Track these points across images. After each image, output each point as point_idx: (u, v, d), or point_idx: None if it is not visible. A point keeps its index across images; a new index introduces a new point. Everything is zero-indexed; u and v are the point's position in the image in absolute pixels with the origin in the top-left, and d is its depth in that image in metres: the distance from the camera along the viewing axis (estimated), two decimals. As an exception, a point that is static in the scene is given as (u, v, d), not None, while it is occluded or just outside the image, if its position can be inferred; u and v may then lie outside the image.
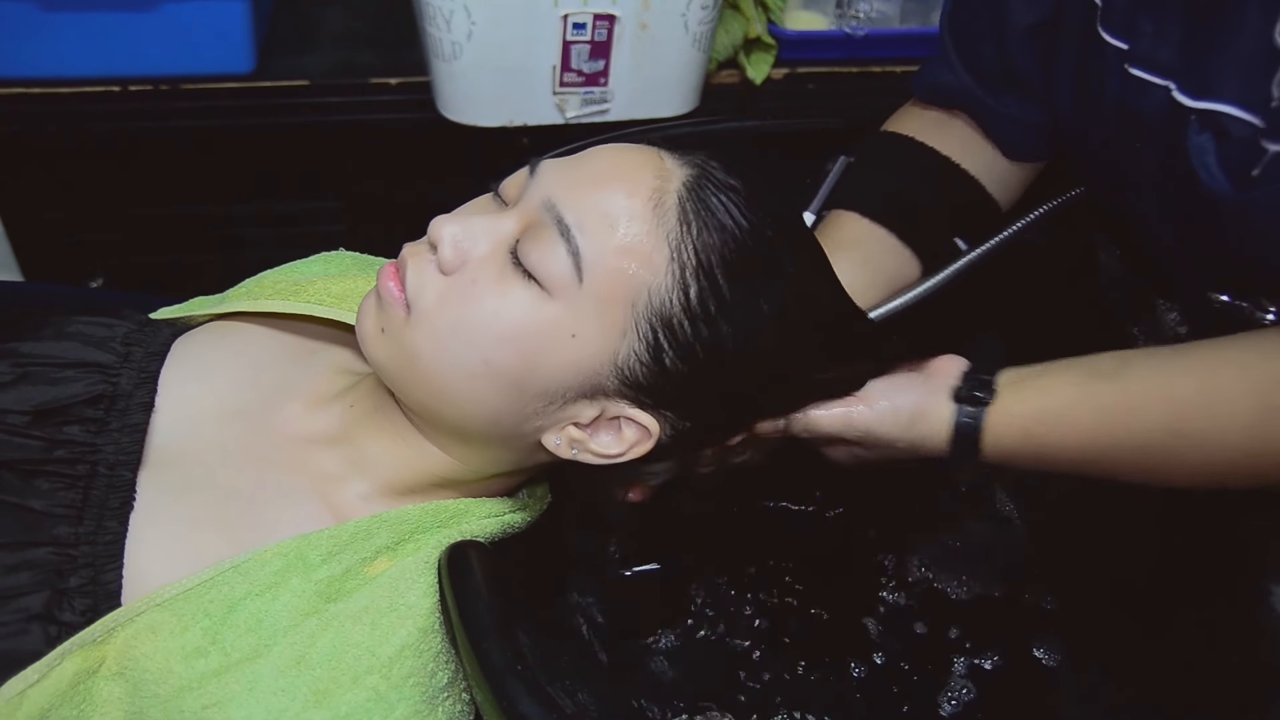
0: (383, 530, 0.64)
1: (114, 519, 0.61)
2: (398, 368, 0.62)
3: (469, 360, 0.59)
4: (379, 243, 0.92)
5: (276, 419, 0.68)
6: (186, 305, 0.80)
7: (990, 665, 0.80)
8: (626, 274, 0.58)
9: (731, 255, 0.59)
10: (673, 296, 0.59)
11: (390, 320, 0.61)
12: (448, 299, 0.59)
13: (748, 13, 1.29)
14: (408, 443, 0.67)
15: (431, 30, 1.12)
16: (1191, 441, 0.62)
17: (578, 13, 1.12)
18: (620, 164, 0.60)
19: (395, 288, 0.61)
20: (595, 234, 0.58)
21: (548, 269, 0.58)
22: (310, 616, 0.59)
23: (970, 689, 0.79)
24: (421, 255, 0.61)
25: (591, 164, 0.61)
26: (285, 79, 1.21)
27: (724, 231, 0.59)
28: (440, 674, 0.60)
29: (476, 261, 0.59)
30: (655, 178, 0.59)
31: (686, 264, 0.58)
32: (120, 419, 0.65)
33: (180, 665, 0.57)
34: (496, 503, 0.69)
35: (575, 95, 1.19)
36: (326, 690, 0.57)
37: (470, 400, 0.61)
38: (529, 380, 0.60)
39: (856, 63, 1.35)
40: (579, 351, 0.59)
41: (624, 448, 0.62)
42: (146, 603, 0.59)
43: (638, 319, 0.59)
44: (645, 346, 0.59)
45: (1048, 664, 0.80)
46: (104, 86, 1.16)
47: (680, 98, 1.23)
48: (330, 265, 0.84)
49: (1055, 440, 0.66)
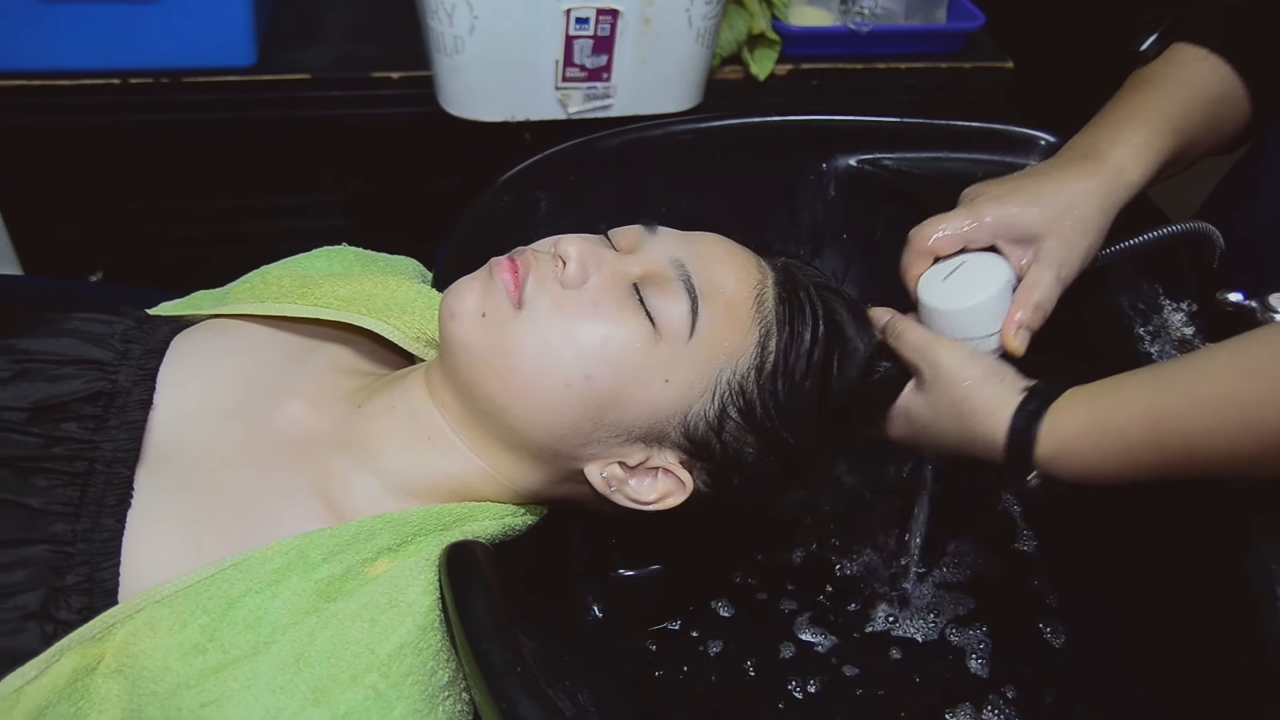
0: (385, 531, 0.63)
1: (111, 516, 0.61)
2: (485, 354, 0.64)
3: (571, 370, 0.62)
4: (380, 237, 0.92)
5: (277, 417, 0.68)
6: (187, 301, 0.80)
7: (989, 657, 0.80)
8: (724, 344, 0.65)
9: (794, 360, 0.67)
10: (750, 375, 0.66)
11: (497, 308, 0.64)
12: (565, 308, 0.63)
13: (752, 8, 1.29)
14: (433, 442, 0.67)
15: (433, 24, 1.12)
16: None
17: (581, 7, 1.11)
18: (734, 253, 0.69)
19: (512, 280, 0.64)
20: (712, 302, 0.65)
21: (669, 315, 0.64)
22: (310, 615, 0.59)
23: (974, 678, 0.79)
24: (544, 262, 0.66)
25: (712, 245, 0.69)
26: (287, 72, 1.21)
27: (804, 339, 0.67)
28: (440, 672, 0.60)
29: (597, 286, 0.64)
30: (759, 273, 0.69)
31: (768, 354, 0.67)
32: (119, 416, 0.65)
33: (178, 662, 0.56)
34: (499, 507, 0.68)
35: (578, 90, 1.19)
36: (325, 688, 0.57)
37: (548, 408, 0.63)
38: (612, 407, 0.64)
39: (861, 59, 1.35)
40: (664, 395, 0.64)
41: (657, 496, 0.67)
42: (145, 600, 0.58)
43: (719, 385, 0.65)
44: (716, 410, 0.65)
45: (1053, 644, 0.80)
46: (104, 79, 1.15)
47: (684, 93, 1.23)
48: (334, 261, 0.84)
49: (1121, 410, 0.62)
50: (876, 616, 0.83)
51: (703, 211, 0.95)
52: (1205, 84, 0.76)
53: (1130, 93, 0.77)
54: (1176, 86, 0.76)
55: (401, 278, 0.79)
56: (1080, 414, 0.64)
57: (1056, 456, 0.64)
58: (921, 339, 0.71)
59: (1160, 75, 0.77)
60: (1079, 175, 0.73)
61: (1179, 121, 0.75)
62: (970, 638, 0.82)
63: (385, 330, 0.74)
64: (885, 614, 0.83)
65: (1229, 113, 0.77)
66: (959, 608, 0.84)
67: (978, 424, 0.67)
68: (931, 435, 0.71)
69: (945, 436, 0.70)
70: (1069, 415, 0.64)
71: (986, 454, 0.67)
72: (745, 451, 0.67)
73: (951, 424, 0.69)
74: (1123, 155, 0.73)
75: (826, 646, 0.81)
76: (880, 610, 0.83)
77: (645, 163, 0.94)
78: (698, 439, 0.66)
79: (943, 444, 0.71)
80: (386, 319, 0.74)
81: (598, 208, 0.91)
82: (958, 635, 0.82)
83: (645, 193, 0.95)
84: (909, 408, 0.72)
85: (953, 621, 0.83)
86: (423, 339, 0.75)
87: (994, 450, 0.66)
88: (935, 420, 0.70)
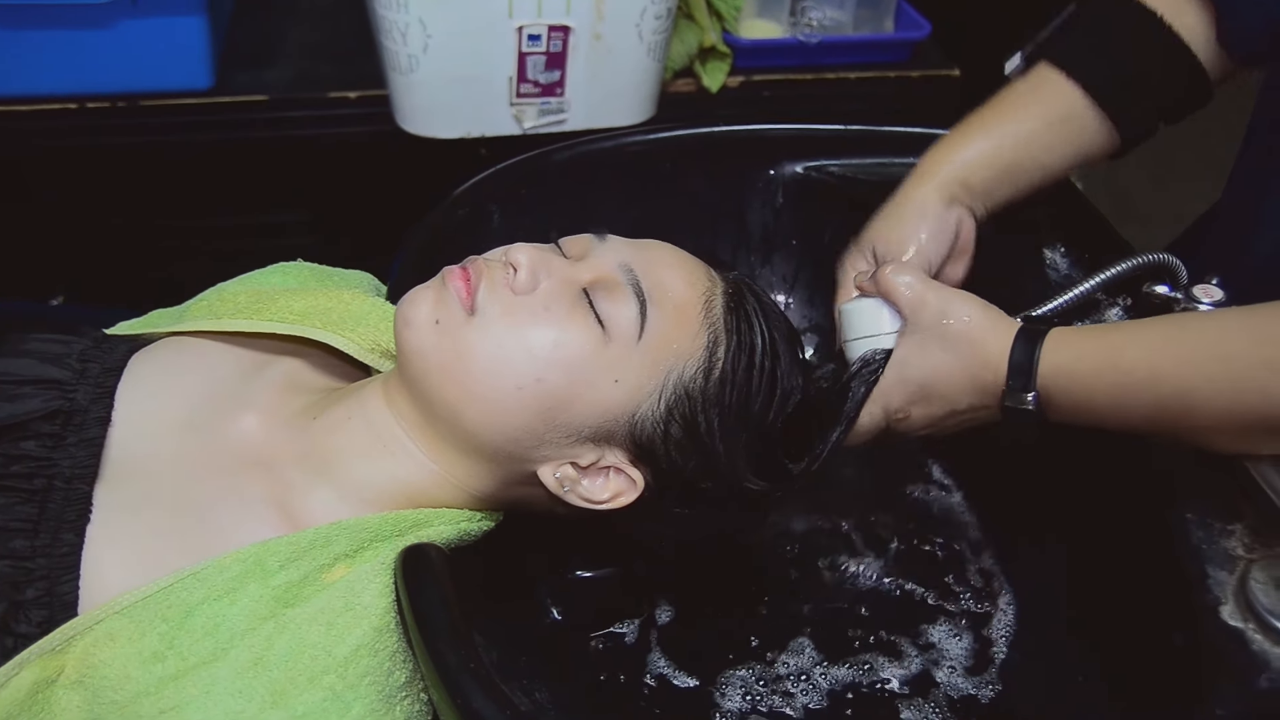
0: (342, 538, 0.65)
1: (70, 531, 0.62)
2: (439, 361, 0.65)
3: (524, 373, 0.64)
4: (341, 254, 0.93)
5: (233, 431, 0.69)
6: (144, 320, 0.81)
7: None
8: (672, 346, 0.67)
9: (742, 367, 0.69)
10: (697, 379, 0.68)
11: (451, 316, 0.65)
12: (516, 314, 0.65)
13: (702, 22, 1.31)
14: (389, 450, 0.68)
15: (388, 44, 1.13)
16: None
17: (532, 24, 1.13)
18: (683, 259, 0.72)
19: (464, 288, 0.66)
20: (660, 305, 0.67)
21: (618, 318, 0.66)
22: (268, 620, 0.60)
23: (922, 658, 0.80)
24: (496, 270, 0.67)
25: (661, 251, 0.72)
26: (244, 94, 1.22)
27: (750, 350, 0.70)
28: (397, 673, 0.61)
29: (547, 291, 0.66)
30: (708, 280, 0.71)
31: (715, 360, 0.69)
32: (77, 434, 0.66)
33: (138, 670, 0.58)
34: (455, 512, 0.70)
35: (532, 106, 1.21)
36: (283, 691, 0.58)
37: (501, 410, 0.65)
38: (563, 409, 0.66)
39: (811, 69, 1.38)
40: (614, 396, 0.66)
41: (609, 495, 0.69)
42: (105, 610, 0.59)
43: (666, 386, 0.67)
44: (662, 412, 0.67)
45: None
46: (60, 104, 1.16)
47: (637, 106, 1.25)
48: (289, 277, 0.85)
49: (1129, 347, 0.64)
50: (826, 604, 0.85)
51: (654, 221, 0.97)
52: (1051, 104, 0.80)
53: (978, 111, 0.83)
54: (1020, 105, 0.81)
55: (356, 291, 0.81)
56: (1087, 342, 0.66)
57: (1058, 375, 0.66)
58: (918, 279, 0.72)
59: (1011, 94, 0.82)
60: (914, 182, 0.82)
61: (1010, 139, 0.80)
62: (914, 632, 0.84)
63: (340, 343, 0.76)
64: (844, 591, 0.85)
65: (1077, 130, 0.80)
66: (905, 586, 0.86)
67: (987, 346, 0.68)
68: (936, 379, 0.71)
69: (951, 376, 0.70)
70: (1075, 339, 0.67)
71: (992, 381, 0.68)
72: (688, 458, 0.69)
73: (958, 359, 0.70)
74: (951, 168, 0.80)
75: (789, 646, 0.82)
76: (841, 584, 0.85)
77: (597, 175, 0.97)
78: (643, 440, 0.68)
79: (948, 387, 0.71)
80: (341, 332, 0.76)
81: (551, 220, 0.92)
82: (903, 633, 0.84)
83: (597, 204, 0.97)
84: (905, 361, 0.72)
85: (899, 617, 0.84)
86: (378, 350, 0.77)
87: (999, 371, 0.68)
88: (940, 362, 0.71)
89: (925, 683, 0.80)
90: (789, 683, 0.79)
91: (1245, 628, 0.63)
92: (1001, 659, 0.81)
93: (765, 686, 0.79)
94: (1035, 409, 0.67)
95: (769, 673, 0.80)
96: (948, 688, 0.79)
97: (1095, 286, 0.81)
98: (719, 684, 0.79)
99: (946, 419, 0.73)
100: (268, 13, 1.39)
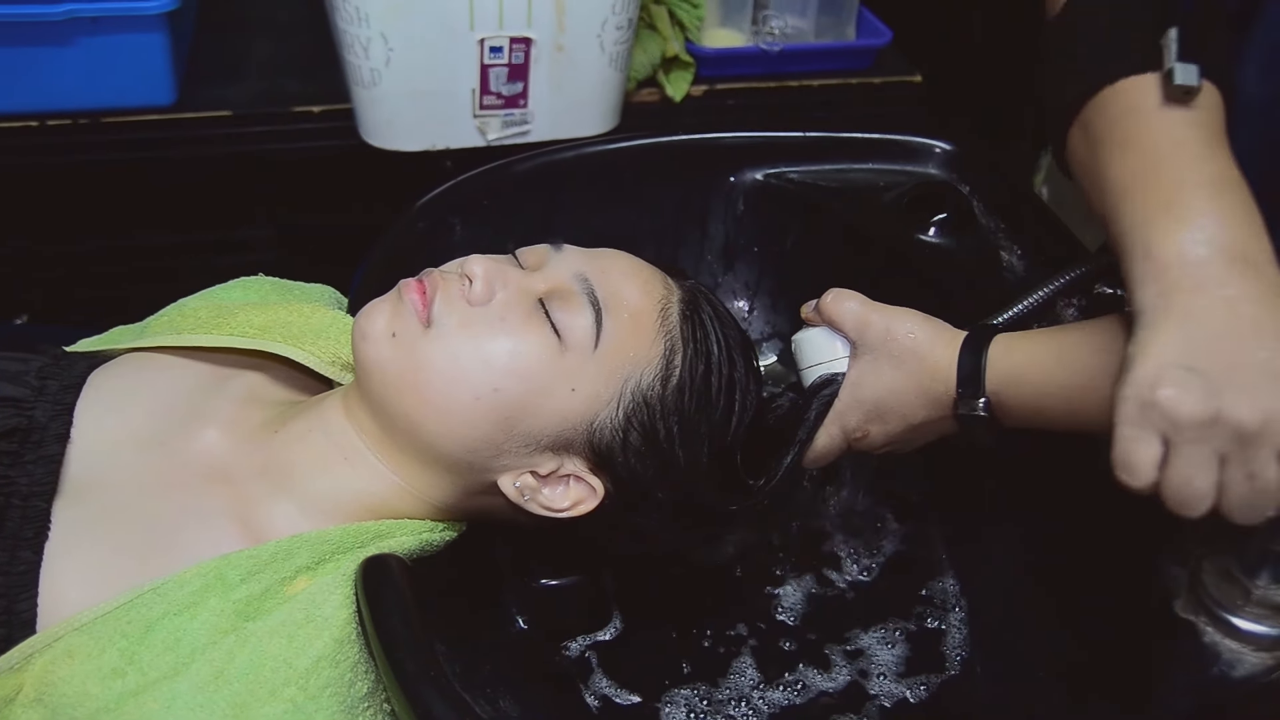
0: (303, 550, 0.65)
1: (28, 549, 0.61)
2: (397, 373, 0.66)
3: (480, 384, 0.65)
4: (306, 269, 0.93)
5: (193, 446, 0.69)
6: (105, 337, 0.81)
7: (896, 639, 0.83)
8: (628, 354, 0.68)
9: (700, 375, 0.71)
10: (655, 386, 0.68)
11: (406, 328, 0.66)
12: (472, 325, 0.66)
13: (665, 32, 1.32)
14: (349, 462, 0.69)
15: (350, 58, 1.14)
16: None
17: (494, 36, 1.14)
18: (639, 268, 0.72)
19: (420, 301, 0.66)
20: (615, 314, 0.68)
21: (573, 327, 0.67)
22: (228, 634, 0.60)
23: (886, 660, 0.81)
24: (452, 282, 0.68)
25: (616, 260, 0.72)
26: (207, 110, 1.22)
27: (706, 357, 0.71)
28: (359, 684, 0.61)
29: (503, 302, 0.67)
30: (664, 288, 0.72)
31: (673, 368, 0.69)
32: (34, 451, 0.66)
33: (97, 687, 0.57)
34: (416, 523, 0.70)
35: (496, 118, 1.21)
36: (244, 704, 0.58)
37: (460, 421, 0.65)
38: (521, 418, 0.66)
39: (774, 77, 1.39)
40: (571, 405, 0.67)
41: (569, 503, 0.69)
42: (64, 628, 0.59)
43: (624, 394, 0.68)
44: (621, 419, 0.68)
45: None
46: (21, 122, 1.16)
47: (600, 117, 1.26)
48: (250, 291, 0.85)
49: (1074, 340, 0.66)
50: (787, 610, 0.85)
51: (616, 230, 0.98)
52: None
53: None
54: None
55: (316, 305, 0.81)
56: (1037, 345, 0.67)
57: (1008, 380, 0.67)
58: (859, 303, 0.73)
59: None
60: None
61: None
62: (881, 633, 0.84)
63: (300, 356, 0.76)
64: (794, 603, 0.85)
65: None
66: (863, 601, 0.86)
67: (935, 357, 0.69)
68: (890, 396, 0.71)
69: (903, 392, 0.71)
70: (1024, 344, 0.68)
71: (943, 391, 0.69)
72: (647, 466, 0.69)
73: (907, 375, 0.70)
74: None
75: (758, 651, 0.83)
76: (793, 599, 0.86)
77: (558, 185, 0.97)
78: (602, 448, 0.68)
79: (900, 403, 0.71)
80: (301, 345, 0.76)
81: (512, 230, 0.93)
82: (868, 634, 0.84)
83: (559, 214, 0.97)
84: (858, 382, 0.73)
85: (862, 612, 0.85)
86: (338, 363, 0.77)
87: (948, 381, 0.68)
88: (892, 379, 0.71)
89: (867, 694, 0.80)
90: (740, 703, 0.80)
91: (1197, 620, 0.65)
92: (960, 659, 0.82)
93: (711, 706, 0.79)
94: (988, 415, 0.68)
95: (739, 676, 0.80)
96: (904, 694, 0.80)
97: (1052, 292, 0.82)
98: (694, 689, 0.79)
99: (906, 433, 0.74)
100: (230, 28, 1.39)
